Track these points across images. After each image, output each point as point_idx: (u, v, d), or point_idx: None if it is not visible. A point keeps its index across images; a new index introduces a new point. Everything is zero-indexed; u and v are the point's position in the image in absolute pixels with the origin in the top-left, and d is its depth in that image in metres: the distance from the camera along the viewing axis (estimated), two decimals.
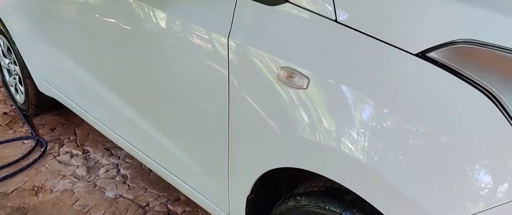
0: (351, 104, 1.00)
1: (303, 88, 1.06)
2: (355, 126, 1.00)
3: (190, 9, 1.35)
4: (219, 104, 1.32)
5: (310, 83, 1.05)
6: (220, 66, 1.27)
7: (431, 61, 0.90)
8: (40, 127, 2.85)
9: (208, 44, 1.29)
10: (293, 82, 1.07)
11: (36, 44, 2.47)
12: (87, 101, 2.22)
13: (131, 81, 1.78)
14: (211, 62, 1.30)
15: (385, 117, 0.96)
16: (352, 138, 1.00)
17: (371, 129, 0.98)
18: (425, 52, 0.90)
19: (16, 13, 2.57)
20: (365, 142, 0.99)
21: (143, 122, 1.79)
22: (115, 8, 1.67)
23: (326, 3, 1.04)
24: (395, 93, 0.95)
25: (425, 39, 0.91)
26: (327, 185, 1.18)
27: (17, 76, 2.92)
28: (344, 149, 1.02)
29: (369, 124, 0.98)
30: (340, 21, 1.02)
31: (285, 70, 1.09)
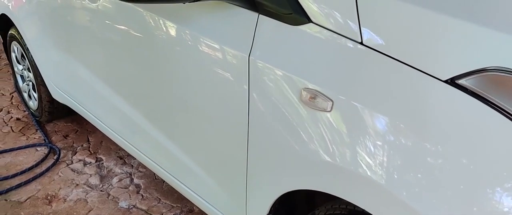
0: (376, 129, 0.98)
1: (327, 111, 1.04)
2: (380, 150, 0.98)
3: (210, 25, 1.34)
4: (238, 121, 1.30)
5: (334, 106, 1.03)
6: (240, 84, 1.25)
7: (460, 88, 0.88)
8: (53, 134, 2.85)
9: (229, 61, 1.28)
10: (316, 104, 1.06)
11: (49, 51, 2.47)
12: (100, 110, 2.22)
13: (146, 92, 1.77)
14: (231, 80, 1.28)
15: (411, 142, 0.94)
16: (376, 162, 0.99)
17: (395, 154, 0.96)
18: (455, 79, 0.89)
19: (29, 19, 2.58)
20: (389, 167, 0.97)
21: (158, 133, 1.79)
22: (131, 20, 1.66)
23: (352, 25, 1.02)
24: (421, 119, 0.93)
25: (455, 66, 0.89)
26: (349, 208, 1.16)
27: (30, 82, 2.93)
28: (367, 173, 1.00)
29: (394, 149, 0.96)
30: (366, 43, 1.00)
31: (308, 92, 1.07)
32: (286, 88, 1.13)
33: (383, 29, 0.99)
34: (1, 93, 3.42)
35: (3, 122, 3.00)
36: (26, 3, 2.55)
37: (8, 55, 3.13)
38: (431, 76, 0.91)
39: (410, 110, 0.94)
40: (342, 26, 1.04)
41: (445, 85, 0.89)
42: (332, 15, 1.06)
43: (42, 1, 2.39)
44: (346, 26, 1.03)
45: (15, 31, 2.78)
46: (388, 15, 0.98)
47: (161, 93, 1.66)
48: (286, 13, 1.14)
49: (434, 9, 0.93)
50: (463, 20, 0.90)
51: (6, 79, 3.66)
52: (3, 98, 3.34)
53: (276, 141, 1.21)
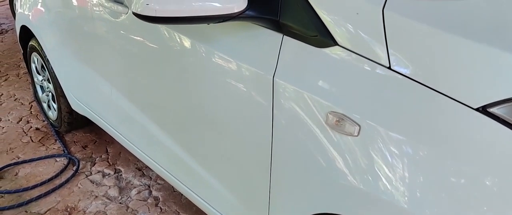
0: (404, 156, 0.97)
1: (354, 135, 1.03)
2: (407, 177, 0.97)
3: (234, 45, 1.34)
4: (262, 140, 1.30)
5: (361, 131, 1.02)
6: (264, 104, 1.25)
7: (492, 117, 0.87)
8: (72, 144, 2.88)
9: (253, 81, 1.28)
10: (343, 128, 1.05)
11: (69, 62, 2.49)
12: (119, 121, 2.23)
13: (166, 106, 1.77)
14: (255, 100, 1.28)
15: (439, 170, 0.93)
16: (402, 189, 0.98)
17: (422, 182, 0.95)
18: (486, 107, 0.87)
19: (48, 30, 2.61)
20: (416, 194, 0.96)
21: (176, 146, 1.79)
22: (152, 35, 1.67)
23: (379, 49, 1.01)
24: (451, 147, 0.91)
25: (486, 94, 0.87)
26: None
27: (50, 93, 2.95)
28: (393, 200, 0.99)
29: (421, 177, 0.95)
30: (394, 68, 0.99)
31: (334, 115, 1.06)
32: (312, 110, 1.12)
33: (411, 54, 0.97)
34: (21, 102, 3.46)
35: (23, 132, 3.03)
36: (45, 14, 2.58)
37: (28, 65, 3.16)
38: (462, 104, 0.90)
39: (439, 137, 0.93)
40: (369, 50, 1.03)
41: (477, 113, 0.88)
42: (358, 39, 1.05)
43: (61, 12, 2.42)
44: (373, 50, 1.02)
45: (35, 42, 2.81)
46: (416, 40, 0.97)
47: (181, 107, 1.67)
48: (311, 35, 1.13)
49: (466, 36, 0.91)
50: (495, 47, 0.88)
51: (25, 88, 3.70)
52: (23, 108, 3.37)
53: (301, 162, 1.20)
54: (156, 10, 1.17)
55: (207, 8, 1.17)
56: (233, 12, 1.18)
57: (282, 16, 1.19)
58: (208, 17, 1.19)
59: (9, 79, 3.93)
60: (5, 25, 5.69)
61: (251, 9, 1.20)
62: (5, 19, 5.96)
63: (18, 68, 4.17)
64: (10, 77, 3.97)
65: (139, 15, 1.20)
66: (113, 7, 1.82)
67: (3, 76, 4.00)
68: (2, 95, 3.59)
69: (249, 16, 1.21)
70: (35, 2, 2.71)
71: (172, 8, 1.17)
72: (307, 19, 1.14)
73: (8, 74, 4.04)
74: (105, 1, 1.86)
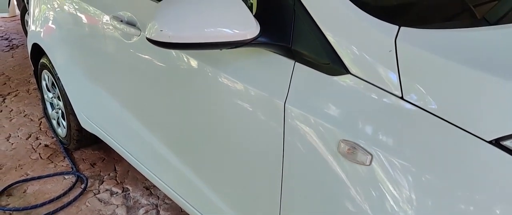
0: (415, 186, 0.97)
1: (366, 164, 1.03)
2: (418, 208, 0.97)
3: (245, 70, 1.34)
4: (272, 166, 1.30)
5: (373, 160, 1.02)
6: (275, 129, 1.25)
7: (505, 150, 0.87)
8: (80, 162, 2.89)
9: (264, 107, 1.28)
10: (355, 157, 1.05)
11: (79, 80, 2.51)
12: (129, 142, 2.24)
13: (175, 127, 1.78)
14: (266, 125, 1.29)
15: (451, 202, 0.92)
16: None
17: (433, 212, 0.95)
18: (500, 140, 0.87)
19: (59, 49, 2.64)
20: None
21: (186, 168, 1.79)
22: (163, 58, 1.68)
23: (391, 78, 1.02)
24: (463, 179, 0.91)
25: (500, 127, 0.87)
26: None
27: (60, 110, 2.97)
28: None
29: (432, 207, 0.95)
30: (406, 98, 0.99)
31: (346, 144, 1.06)
32: (324, 138, 1.12)
33: (424, 85, 0.98)
34: (30, 119, 3.49)
35: (32, 148, 3.05)
36: (57, 32, 2.62)
37: (39, 82, 3.19)
38: (475, 136, 0.90)
39: (452, 168, 0.93)
40: (382, 79, 1.04)
41: (490, 146, 0.88)
42: (371, 68, 1.05)
43: (72, 31, 2.45)
44: (385, 79, 1.03)
45: (46, 60, 2.84)
46: (429, 71, 0.98)
47: (190, 129, 1.67)
48: (323, 63, 1.14)
49: (479, 68, 0.92)
50: (510, 80, 0.89)
51: (35, 105, 3.73)
52: (32, 124, 3.39)
53: (311, 188, 1.20)
54: (170, 36, 1.18)
55: (220, 35, 1.18)
56: (246, 38, 1.19)
57: (294, 43, 1.20)
58: (221, 43, 1.20)
59: (19, 95, 3.96)
60: (16, 40, 5.75)
61: (264, 35, 1.21)
62: (16, 34, 6.03)
63: (28, 84, 4.21)
64: (20, 93, 4.00)
65: (152, 40, 1.21)
66: (126, 29, 1.84)
67: (13, 92, 4.03)
68: (12, 111, 3.62)
69: (262, 42, 1.22)
70: (47, 20, 2.74)
71: (185, 34, 1.18)
72: (319, 47, 1.14)
73: (18, 90, 4.07)
74: (118, 23, 1.88)
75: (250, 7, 1.26)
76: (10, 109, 3.66)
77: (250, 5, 1.33)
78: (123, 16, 1.89)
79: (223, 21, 1.18)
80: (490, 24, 1.08)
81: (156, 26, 1.20)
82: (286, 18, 1.21)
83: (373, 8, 1.10)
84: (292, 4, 1.20)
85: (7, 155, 2.97)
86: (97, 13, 2.11)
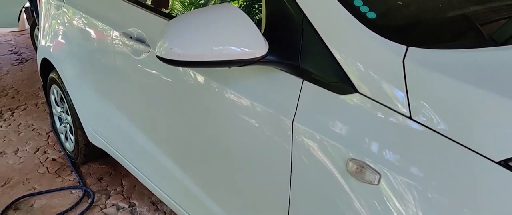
0: (423, 206, 0.96)
1: (374, 183, 1.03)
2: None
3: (253, 87, 1.35)
4: (281, 183, 1.30)
5: (381, 180, 1.02)
6: (283, 148, 1.26)
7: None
8: (87, 176, 2.89)
9: (272, 124, 1.29)
10: (363, 176, 1.05)
11: (88, 95, 2.53)
12: (137, 157, 2.25)
13: (183, 142, 1.79)
14: (274, 143, 1.29)
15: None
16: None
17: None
18: (508, 161, 0.87)
19: (69, 63, 2.66)
20: None
21: (193, 184, 1.79)
22: (171, 73, 1.70)
23: (400, 98, 1.02)
24: (471, 200, 0.91)
25: (509, 148, 0.87)
26: None
27: (68, 125, 2.99)
28: None
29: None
30: (415, 118, 1.00)
31: (354, 163, 1.07)
32: (332, 157, 1.13)
33: (432, 105, 0.98)
34: (38, 132, 3.51)
35: (39, 163, 3.06)
36: (66, 47, 2.65)
37: (47, 96, 3.22)
38: (483, 157, 0.90)
39: (460, 188, 0.92)
40: (390, 99, 1.04)
41: (498, 167, 0.88)
42: (379, 87, 1.06)
43: (82, 46, 2.48)
44: (393, 99, 1.03)
45: (56, 74, 2.87)
46: (437, 91, 0.98)
47: (198, 145, 1.68)
48: (332, 82, 1.15)
49: (488, 88, 0.92)
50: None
51: (43, 118, 3.75)
52: (40, 138, 3.41)
53: (319, 206, 1.20)
54: (179, 54, 1.19)
55: (229, 53, 1.19)
56: (255, 57, 1.20)
57: (302, 61, 1.21)
58: (230, 61, 1.21)
59: (28, 109, 3.99)
60: (25, 54, 5.81)
61: (272, 54, 1.22)
62: (25, 48, 6.09)
63: (37, 98, 4.24)
64: (28, 106, 4.03)
65: (162, 58, 1.22)
66: (135, 46, 1.86)
67: (22, 105, 4.06)
68: (20, 125, 3.64)
69: (270, 60, 1.23)
70: (56, 35, 2.77)
71: (194, 52, 1.19)
72: (327, 65, 1.15)
73: (26, 103, 4.10)
74: (127, 39, 1.90)
75: (258, 25, 1.28)
76: (18, 123, 3.69)
77: (259, 23, 1.34)
78: (133, 33, 1.91)
79: (232, 39, 1.19)
80: (497, 44, 1.09)
81: (166, 44, 1.21)
82: (294, 36, 1.22)
83: (381, 28, 1.11)
84: (300, 23, 1.21)
85: (15, 168, 2.99)
86: (106, 29, 2.14)
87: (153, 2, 2.03)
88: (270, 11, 1.30)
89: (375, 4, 1.18)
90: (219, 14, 1.23)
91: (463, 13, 1.29)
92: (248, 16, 1.21)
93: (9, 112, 3.91)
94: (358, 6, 1.15)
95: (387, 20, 1.21)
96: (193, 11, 1.34)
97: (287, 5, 1.23)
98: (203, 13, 1.27)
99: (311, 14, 1.19)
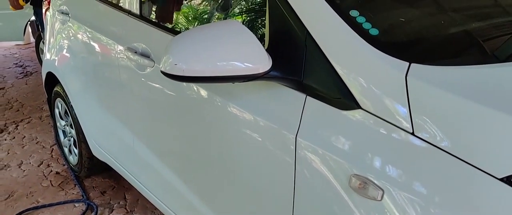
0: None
1: (377, 199, 1.04)
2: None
3: (258, 101, 1.36)
4: (284, 198, 1.30)
5: (384, 196, 1.02)
6: (286, 163, 1.26)
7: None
8: (90, 189, 2.90)
9: (275, 139, 1.29)
10: (366, 192, 1.05)
11: (92, 109, 2.55)
12: (140, 171, 2.25)
13: (186, 156, 1.79)
14: (277, 157, 1.29)
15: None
16: None
17: None
18: (511, 177, 0.87)
19: (73, 77, 2.68)
20: None
21: (196, 199, 1.79)
22: (176, 89, 1.71)
23: (402, 114, 1.03)
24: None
25: (511, 165, 0.88)
26: None
27: (72, 138, 3.00)
28: None
29: None
30: (417, 134, 1.00)
31: (358, 179, 1.07)
32: (336, 172, 1.13)
33: (434, 121, 0.99)
34: (42, 146, 3.52)
35: (43, 176, 3.07)
36: (71, 61, 2.67)
37: (52, 110, 3.23)
38: (486, 173, 0.90)
39: (462, 205, 0.93)
40: (392, 115, 1.04)
41: (501, 183, 0.88)
42: (382, 103, 1.06)
43: (86, 61, 2.49)
44: (396, 115, 1.04)
45: (60, 88, 2.89)
46: (440, 107, 0.98)
47: (201, 160, 1.68)
48: (334, 98, 1.16)
49: (491, 105, 0.93)
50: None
51: (47, 131, 3.77)
52: (44, 151, 3.42)
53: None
54: (184, 69, 1.20)
55: (233, 69, 1.20)
56: (258, 72, 1.21)
57: (305, 77, 1.22)
58: (234, 77, 1.21)
59: (32, 122, 4.00)
60: (30, 67, 5.84)
61: (276, 70, 1.23)
62: (30, 61, 6.13)
63: (41, 111, 4.26)
64: (32, 120, 4.05)
65: (167, 74, 1.23)
66: (140, 60, 1.87)
67: (26, 118, 4.08)
68: (24, 138, 3.66)
69: (273, 76, 1.24)
70: (61, 49, 2.80)
71: (198, 68, 1.20)
72: (330, 81, 1.16)
73: (31, 117, 4.12)
74: (132, 54, 1.92)
75: (262, 41, 1.29)
76: (22, 136, 3.70)
77: (262, 39, 1.36)
78: (137, 48, 1.92)
79: (235, 55, 1.20)
80: (499, 61, 1.10)
81: (170, 60, 1.22)
82: (297, 52, 1.23)
83: (384, 44, 1.12)
84: (304, 39, 1.22)
85: (18, 182, 3.00)
86: (111, 43, 2.15)
87: (158, 17, 2.05)
88: (274, 27, 1.31)
89: (377, 21, 1.20)
90: (223, 30, 1.24)
91: (465, 30, 1.30)
92: (251, 31, 1.22)
93: (13, 125, 3.92)
94: (360, 23, 1.16)
95: (389, 36, 1.22)
96: (197, 27, 1.35)
97: (290, 22, 1.25)
98: (207, 29, 1.28)
99: (314, 30, 1.20)
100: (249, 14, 1.66)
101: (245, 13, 1.67)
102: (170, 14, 2.05)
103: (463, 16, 1.38)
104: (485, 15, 1.41)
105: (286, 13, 1.26)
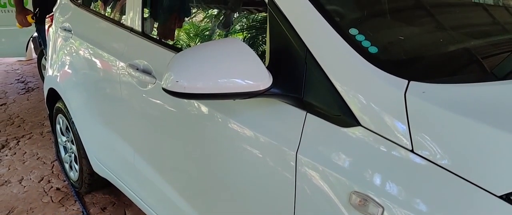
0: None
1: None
2: None
3: (258, 118, 1.37)
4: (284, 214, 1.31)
5: (384, 213, 1.03)
6: (287, 180, 1.26)
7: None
8: (91, 206, 2.89)
9: (275, 156, 1.30)
10: (367, 209, 1.06)
11: (94, 125, 2.55)
12: (141, 188, 2.25)
13: (187, 172, 1.80)
14: (278, 174, 1.30)
15: None
16: None
17: None
18: (510, 195, 0.88)
19: (75, 93, 2.69)
20: None
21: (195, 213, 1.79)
22: (176, 105, 1.72)
23: (402, 132, 1.03)
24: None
25: (511, 182, 0.88)
26: None
27: (73, 154, 3.00)
28: None
29: None
30: (417, 152, 1.01)
31: (358, 196, 1.07)
32: (336, 189, 1.13)
33: (434, 138, 0.99)
34: (43, 161, 3.52)
35: (44, 192, 3.07)
36: (73, 78, 2.68)
37: (53, 126, 3.24)
38: (485, 191, 0.90)
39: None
40: (392, 132, 1.05)
41: (500, 201, 0.89)
42: (381, 121, 1.07)
43: (88, 77, 2.51)
44: (396, 132, 1.05)
45: (62, 104, 2.90)
46: (439, 125, 0.99)
47: (201, 176, 1.68)
48: (335, 115, 1.16)
49: (489, 123, 0.93)
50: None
51: (48, 147, 3.77)
52: (45, 167, 3.42)
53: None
54: (185, 87, 1.21)
55: (234, 86, 1.21)
56: (259, 89, 1.22)
57: (306, 94, 1.23)
58: (234, 94, 1.22)
59: (33, 137, 4.01)
60: (32, 83, 5.87)
61: (276, 87, 1.24)
62: (32, 77, 6.16)
63: (42, 126, 4.27)
64: (34, 135, 4.06)
65: (168, 91, 1.24)
66: (141, 77, 1.88)
67: (27, 134, 4.08)
68: (25, 154, 3.66)
69: (274, 93, 1.25)
70: (63, 65, 2.81)
71: (200, 85, 1.21)
72: (330, 99, 1.17)
73: (32, 132, 4.13)
74: (133, 71, 1.93)
75: (262, 58, 1.30)
76: (23, 152, 3.71)
77: (262, 56, 1.37)
78: (139, 64, 1.94)
79: (236, 72, 1.21)
80: (498, 79, 1.11)
81: (172, 77, 1.23)
82: (298, 70, 1.25)
83: (383, 62, 1.13)
84: (304, 57, 1.23)
85: (19, 198, 2.99)
86: (113, 60, 2.17)
87: (159, 34, 2.07)
88: (274, 45, 1.32)
89: (376, 39, 1.21)
90: (224, 48, 1.26)
91: (463, 48, 1.31)
92: (252, 48, 1.24)
93: (14, 141, 3.93)
94: (360, 41, 1.17)
95: (388, 54, 1.24)
96: (198, 45, 1.36)
97: (290, 40, 1.26)
98: (208, 47, 1.30)
99: (314, 48, 1.21)
100: (249, 32, 1.68)
101: (246, 31, 1.69)
102: (171, 31, 2.07)
103: (461, 34, 1.40)
104: (483, 33, 1.42)
105: (286, 30, 1.28)
